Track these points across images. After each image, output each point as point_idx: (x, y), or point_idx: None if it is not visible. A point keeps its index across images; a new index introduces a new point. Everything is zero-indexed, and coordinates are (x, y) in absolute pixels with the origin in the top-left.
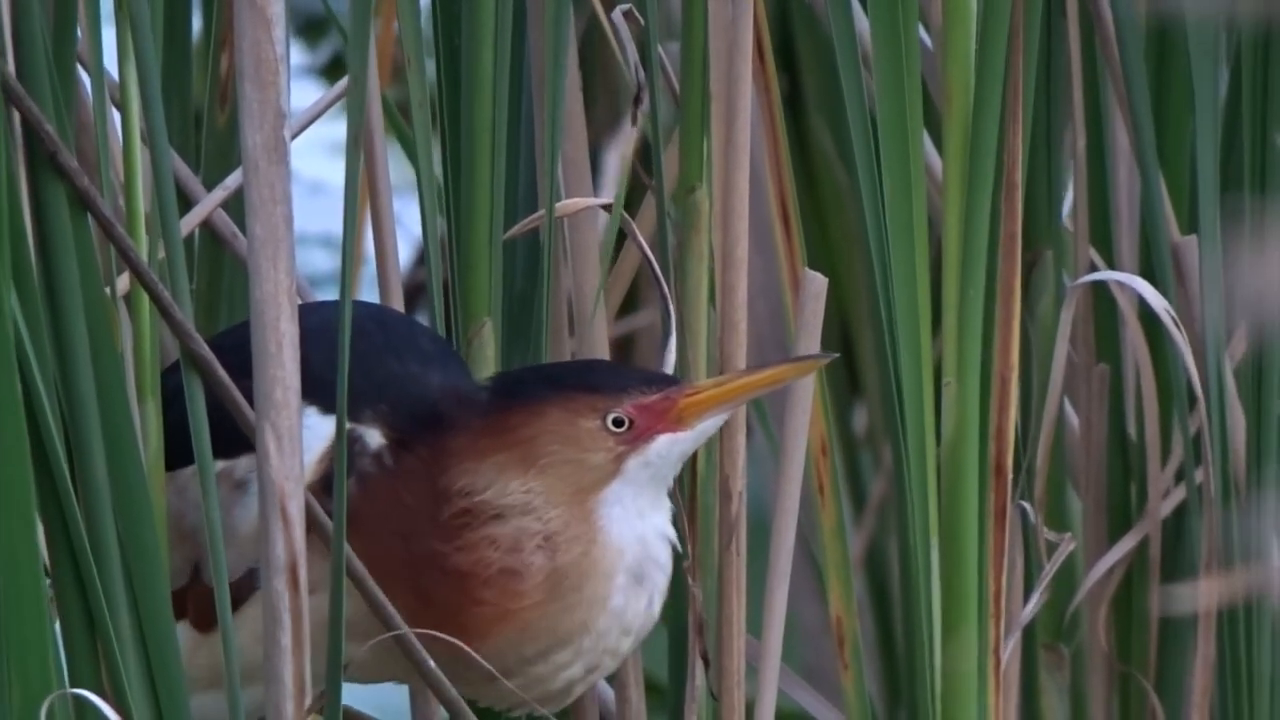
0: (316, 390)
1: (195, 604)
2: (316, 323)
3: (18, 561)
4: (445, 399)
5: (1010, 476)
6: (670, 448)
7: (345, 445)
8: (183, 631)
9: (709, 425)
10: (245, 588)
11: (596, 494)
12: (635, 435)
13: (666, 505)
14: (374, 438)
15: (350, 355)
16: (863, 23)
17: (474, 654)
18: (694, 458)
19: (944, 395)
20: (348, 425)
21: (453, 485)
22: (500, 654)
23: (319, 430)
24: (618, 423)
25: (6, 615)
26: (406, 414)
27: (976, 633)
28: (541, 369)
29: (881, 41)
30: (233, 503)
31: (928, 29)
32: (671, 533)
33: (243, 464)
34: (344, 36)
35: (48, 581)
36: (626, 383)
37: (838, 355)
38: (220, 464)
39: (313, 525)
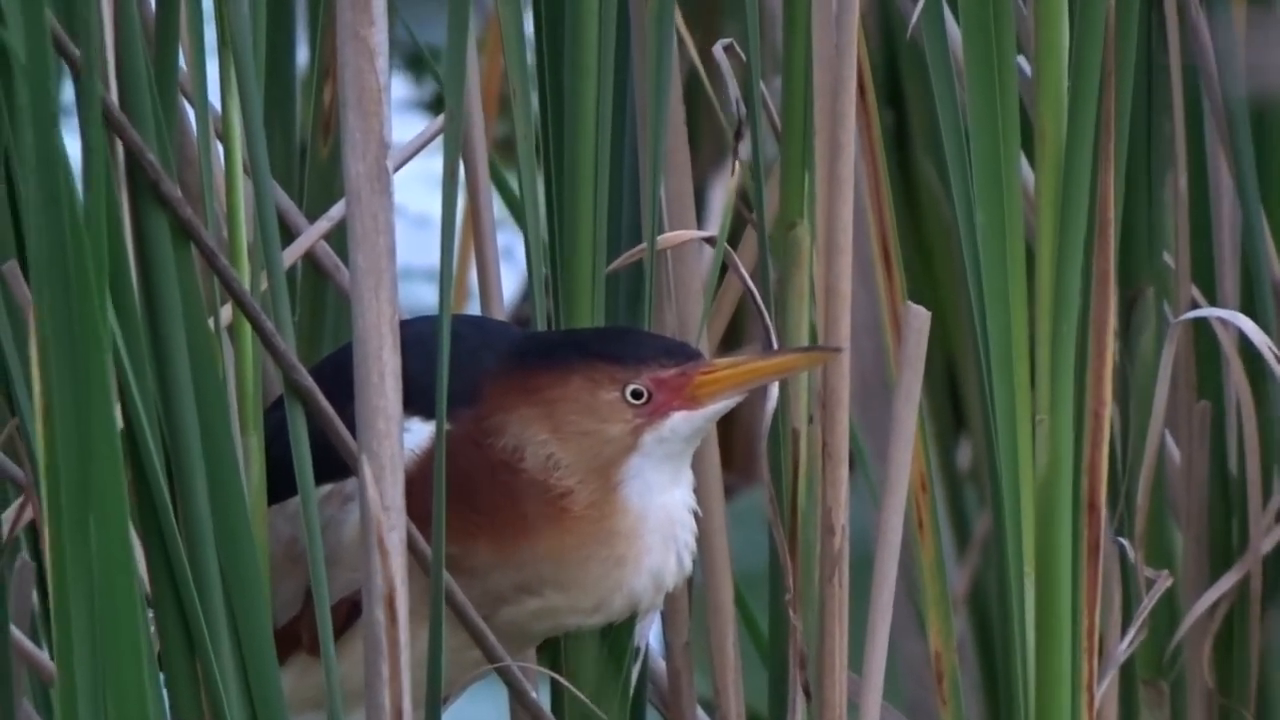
0: (415, 398)
1: (309, 630)
2: (412, 335)
3: (115, 592)
4: (489, 355)
5: (1104, 513)
6: (684, 425)
7: (443, 482)
8: (297, 660)
9: (721, 406)
10: (358, 609)
11: (617, 469)
12: (652, 410)
13: (689, 478)
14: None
15: (448, 360)
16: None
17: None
18: (794, 491)
19: (1037, 431)
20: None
21: (486, 430)
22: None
23: (418, 435)
24: (636, 394)
25: (105, 649)
26: None
27: (1070, 669)
28: (570, 334)
29: (975, 76)
30: (342, 520)
31: (1027, 57)
32: (695, 504)
33: (351, 483)
34: (436, 78)
35: (150, 613)
36: (646, 353)
37: (841, 350)
38: (328, 486)
39: (412, 552)
